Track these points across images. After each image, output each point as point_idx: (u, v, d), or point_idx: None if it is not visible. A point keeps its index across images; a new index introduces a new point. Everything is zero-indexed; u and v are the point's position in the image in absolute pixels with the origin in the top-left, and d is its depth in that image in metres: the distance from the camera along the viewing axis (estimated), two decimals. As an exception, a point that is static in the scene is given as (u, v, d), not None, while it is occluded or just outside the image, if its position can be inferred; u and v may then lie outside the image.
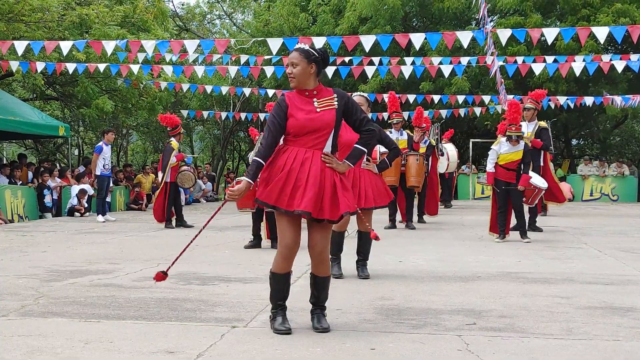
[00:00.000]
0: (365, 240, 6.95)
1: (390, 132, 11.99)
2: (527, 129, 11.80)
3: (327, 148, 4.54)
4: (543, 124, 12.27)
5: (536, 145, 11.78)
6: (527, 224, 10.69)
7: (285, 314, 4.61)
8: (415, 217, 13.12)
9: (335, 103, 4.56)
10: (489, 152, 10.38)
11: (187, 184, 12.93)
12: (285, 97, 4.59)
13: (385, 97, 20.63)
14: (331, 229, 4.65)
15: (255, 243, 9.49)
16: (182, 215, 13.27)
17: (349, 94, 5.02)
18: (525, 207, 10.61)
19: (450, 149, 17.33)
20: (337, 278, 6.74)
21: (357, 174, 6.70)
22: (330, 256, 6.81)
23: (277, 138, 4.51)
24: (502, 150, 9.98)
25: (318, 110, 4.52)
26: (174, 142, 13.08)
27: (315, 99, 4.55)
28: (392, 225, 12.22)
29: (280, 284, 4.59)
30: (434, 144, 14.65)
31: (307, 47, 4.57)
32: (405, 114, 15.42)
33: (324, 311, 4.69)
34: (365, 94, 7.28)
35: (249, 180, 4.40)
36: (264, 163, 4.45)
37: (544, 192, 10.41)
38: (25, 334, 4.47)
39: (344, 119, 4.68)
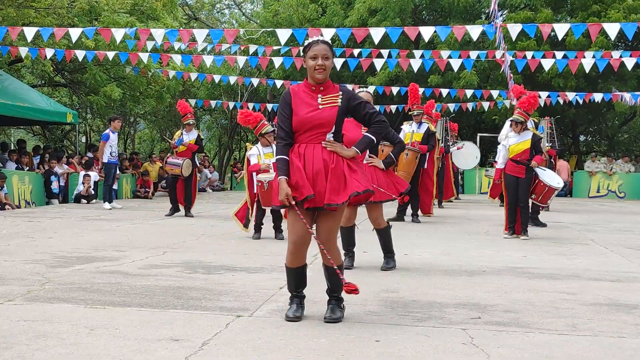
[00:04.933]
0: (381, 236, 6.97)
1: (410, 124, 11.98)
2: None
3: None
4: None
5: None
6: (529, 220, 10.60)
7: (300, 302, 4.70)
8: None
9: (339, 100, 4.58)
10: (498, 149, 10.27)
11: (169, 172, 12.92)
12: (290, 91, 4.64)
13: (394, 90, 20.74)
14: (339, 219, 4.65)
15: (258, 235, 9.47)
16: (189, 205, 13.17)
17: (355, 87, 5.03)
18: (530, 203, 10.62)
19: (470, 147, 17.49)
20: (346, 269, 6.74)
21: (367, 169, 6.71)
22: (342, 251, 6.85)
23: (289, 131, 4.56)
24: (510, 143, 9.88)
25: (320, 107, 4.55)
26: (177, 132, 13.16)
27: (320, 95, 4.58)
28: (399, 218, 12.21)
29: (292, 277, 4.69)
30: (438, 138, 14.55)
31: (328, 40, 4.66)
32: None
33: (340, 302, 4.72)
34: (370, 90, 7.28)
35: (285, 177, 4.47)
36: (287, 157, 4.52)
37: (557, 191, 10.28)
38: (31, 319, 4.49)
39: (353, 117, 4.70)
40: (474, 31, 15.28)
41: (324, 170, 4.48)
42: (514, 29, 15.04)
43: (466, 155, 18.77)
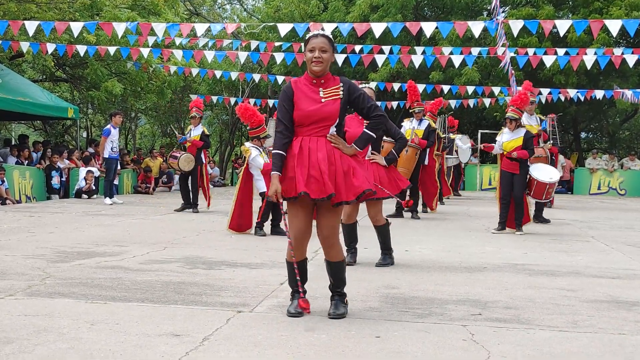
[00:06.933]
0: (380, 233, 6.96)
1: (411, 121, 12.00)
2: (530, 122, 11.69)
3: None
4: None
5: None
6: (523, 216, 10.42)
7: (302, 299, 4.67)
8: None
9: (341, 93, 4.57)
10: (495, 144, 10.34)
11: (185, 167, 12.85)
12: (291, 84, 4.63)
13: (395, 86, 20.72)
14: (339, 214, 4.65)
15: (263, 232, 9.48)
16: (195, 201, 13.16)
17: (357, 82, 5.01)
18: (532, 200, 10.64)
19: (461, 145, 17.44)
20: (348, 265, 6.74)
21: (369, 165, 6.68)
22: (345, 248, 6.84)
23: (289, 126, 4.54)
24: (503, 139, 10.00)
25: (323, 100, 4.53)
26: (188, 127, 13.42)
27: (321, 89, 4.57)
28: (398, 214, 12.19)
29: (292, 271, 4.66)
30: (442, 136, 14.49)
31: (329, 34, 4.63)
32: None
33: (343, 298, 4.71)
34: (372, 87, 7.25)
35: (277, 173, 4.46)
36: (284, 153, 4.50)
37: (554, 185, 10.34)
38: (31, 314, 4.49)
39: (353, 108, 4.69)
40: (476, 27, 15.25)
41: (327, 161, 4.45)
42: (516, 26, 15.01)
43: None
